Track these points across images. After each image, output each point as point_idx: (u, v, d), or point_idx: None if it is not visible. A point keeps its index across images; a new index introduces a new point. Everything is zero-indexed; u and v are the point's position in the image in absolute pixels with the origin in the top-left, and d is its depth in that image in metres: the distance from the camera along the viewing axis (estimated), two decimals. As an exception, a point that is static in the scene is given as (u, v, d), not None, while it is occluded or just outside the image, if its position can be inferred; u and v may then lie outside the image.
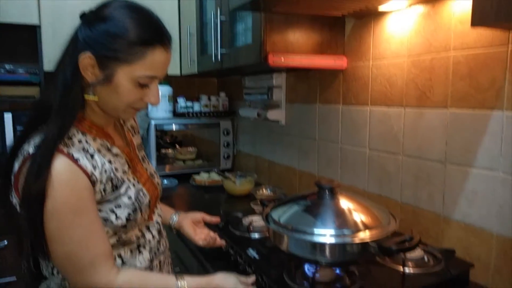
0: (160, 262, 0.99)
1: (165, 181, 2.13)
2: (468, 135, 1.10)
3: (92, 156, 0.83)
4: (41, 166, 0.75)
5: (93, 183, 0.81)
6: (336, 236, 0.84)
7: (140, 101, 0.86)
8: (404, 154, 1.31)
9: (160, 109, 2.22)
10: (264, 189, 1.92)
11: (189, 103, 2.33)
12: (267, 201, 1.09)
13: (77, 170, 0.79)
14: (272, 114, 1.92)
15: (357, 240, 0.83)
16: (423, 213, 1.25)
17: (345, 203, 0.94)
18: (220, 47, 1.63)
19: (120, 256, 0.89)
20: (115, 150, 0.91)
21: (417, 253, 1.05)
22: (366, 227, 0.87)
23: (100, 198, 0.83)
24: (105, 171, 0.84)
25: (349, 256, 0.85)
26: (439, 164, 1.19)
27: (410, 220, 1.30)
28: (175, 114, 2.32)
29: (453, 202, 1.16)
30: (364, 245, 0.83)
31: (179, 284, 0.87)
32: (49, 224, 0.77)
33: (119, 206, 0.85)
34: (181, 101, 2.32)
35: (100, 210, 0.84)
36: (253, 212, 1.45)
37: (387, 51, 1.33)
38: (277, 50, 1.37)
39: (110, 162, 0.87)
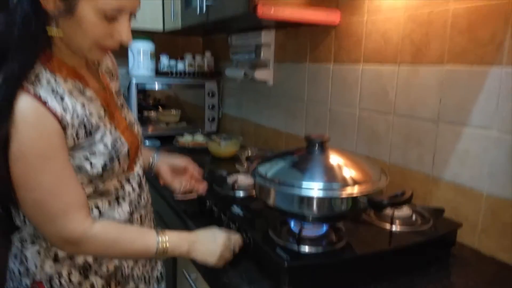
0: (141, 216, 0.94)
1: (147, 142, 2.06)
2: (464, 93, 1.06)
3: (62, 98, 0.75)
4: (2, 107, 0.68)
5: (63, 127, 0.74)
6: (325, 189, 0.80)
7: (109, 38, 0.77)
8: (396, 114, 1.27)
9: (142, 67, 2.12)
10: (249, 151, 1.87)
11: (172, 62, 2.23)
12: (253, 157, 1.04)
13: (45, 113, 0.71)
14: (260, 74, 1.85)
15: (346, 194, 0.79)
16: (411, 174, 1.23)
17: (335, 158, 0.89)
18: (206, -2, 1.53)
19: (97, 207, 0.84)
20: (89, 93, 0.83)
21: (405, 211, 1.02)
22: (355, 182, 0.83)
23: (72, 144, 0.76)
24: (77, 115, 0.77)
25: (337, 211, 0.81)
26: (431, 124, 1.15)
27: (398, 181, 1.27)
28: (158, 73, 2.22)
29: (444, 162, 1.13)
30: (353, 199, 0.79)
31: (160, 239, 0.83)
32: (15, 168, 0.70)
33: (93, 154, 0.79)
34: (164, 59, 2.22)
35: (73, 157, 0.77)
36: (238, 172, 1.41)
37: (384, 4, 1.26)
38: (266, 0, 1.29)
39: (83, 106, 0.80)
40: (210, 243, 0.87)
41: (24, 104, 0.70)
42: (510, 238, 0.97)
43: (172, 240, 0.84)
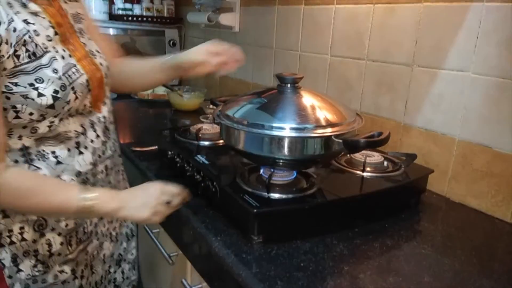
0: (106, 167, 0.85)
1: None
2: (441, 32, 1.00)
3: None
4: None
5: None
6: (297, 130, 0.73)
7: None
8: (368, 58, 1.20)
9: (93, 9, 1.92)
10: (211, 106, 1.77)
11: (128, 5, 2.04)
12: (219, 101, 0.95)
13: None
14: (225, 19, 1.72)
15: (319, 134, 0.72)
16: (382, 122, 1.19)
17: (308, 99, 0.82)
18: None
19: (54, 153, 0.74)
20: (34, 6, 0.70)
21: (377, 158, 0.98)
22: (329, 123, 0.77)
23: (12, 66, 0.65)
24: (15, 29, 0.65)
25: (310, 154, 0.75)
26: (405, 68, 1.10)
27: (368, 128, 1.22)
28: (111, 17, 2.02)
29: (416, 109, 1.09)
30: (327, 140, 0.73)
31: (84, 196, 0.71)
32: None
33: (40, 80, 0.68)
34: (119, 2, 2.02)
35: (16, 84, 0.66)
36: (200, 122, 1.31)
37: None
38: None
39: (25, 21, 0.67)
40: (142, 197, 0.77)
41: None
42: (480, 183, 0.96)
43: (99, 197, 0.73)
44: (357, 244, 0.78)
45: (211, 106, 1.75)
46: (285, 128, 0.73)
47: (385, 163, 0.98)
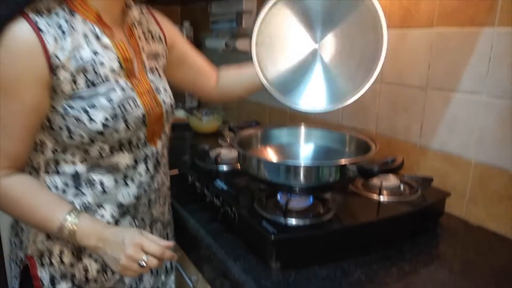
0: (150, 201, 0.87)
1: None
2: (454, 57, 1.02)
3: (64, 33, 0.69)
4: None
5: (53, 67, 0.68)
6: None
7: None
8: (383, 82, 1.22)
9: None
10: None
11: (149, 34, 2.12)
12: (237, 128, 0.99)
13: (34, 41, 0.66)
14: (242, 44, 1.77)
15: (334, 163, 0.74)
16: (398, 144, 1.20)
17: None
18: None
19: (101, 182, 0.78)
20: (106, 40, 0.75)
21: (393, 181, 0.99)
22: (344, 151, 0.79)
23: (70, 91, 0.70)
24: (78, 58, 0.70)
25: (325, 181, 0.77)
26: (419, 91, 1.12)
27: (385, 152, 1.24)
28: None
29: (432, 131, 1.10)
30: (341, 168, 0.75)
31: (69, 218, 0.72)
32: None
33: (93, 106, 0.72)
34: (141, 31, 2.10)
35: (71, 107, 0.71)
36: (221, 147, 1.35)
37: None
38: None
39: (95, 53, 0.73)
40: (117, 249, 0.71)
41: (17, 27, 0.66)
42: (498, 206, 0.96)
43: (82, 227, 0.72)
44: (374, 270, 0.79)
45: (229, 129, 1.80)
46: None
47: (402, 186, 0.99)
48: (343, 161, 0.74)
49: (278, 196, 0.88)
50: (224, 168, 1.13)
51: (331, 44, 0.90)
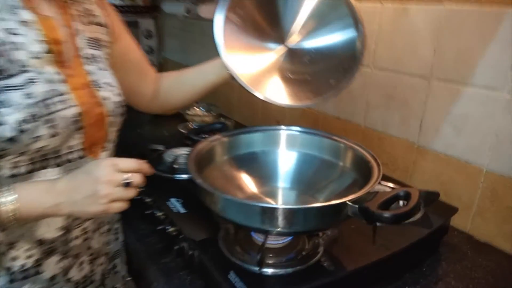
0: (85, 231, 0.68)
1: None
2: (467, 42, 0.82)
3: None
4: None
5: None
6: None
7: None
8: (376, 66, 1.01)
9: None
10: (196, 107, 1.57)
11: (95, -6, 1.78)
12: (195, 135, 0.76)
13: None
14: (206, 11, 1.49)
15: (328, 203, 0.54)
16: (391, 140, 1.01)
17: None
18: None
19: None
20: (26, 15, 0.58)
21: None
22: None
23: None
24: None
25: (312, 224, 0.57)
26: (421, 81, 0.92)
27: (374, 148, 1.05)
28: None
29: (434, 130, 0.91)
30: (336, 208, 0.55)
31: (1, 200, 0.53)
32: None
33: (3, 105, 0.53)
34: (84, -9, 1.77)
35: None
36: (180, 142, 1.12)
37: None
38: None
39: (9, 31, 0.55)
40: (88, 184, 0.55)
41: None
42: None
43: (20, 198, 0.53)
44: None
45: (192, 110, 1.55)
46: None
47: (401, 203, 0.81)
48: (341, 200, 0.53)
49: (253, 233, 0.68)
50: (184, 177, 0.91)
51: (304, 35, 0.74)
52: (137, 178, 0.57)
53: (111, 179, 0.55)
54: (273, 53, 0.73)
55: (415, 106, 0.94)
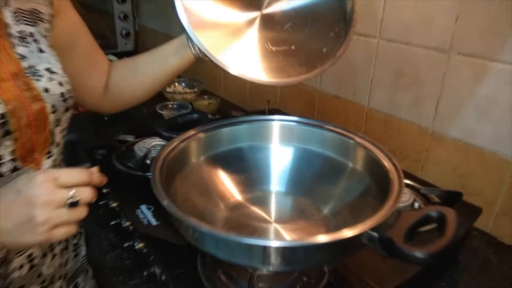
0: (31, 258, 0.55)
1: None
2: (499, 8, 0.66)
3: None
4: None
5: None
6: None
7: None
8: (383, 36, 0.86)
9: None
10: (177, 84, 1.41)
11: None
12: (166, 130, 0.61)
13: None
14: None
15: (330, 238, 0.40)
16: (400, 125, 0.87)
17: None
18: None
19: None
20: None
21: (406, 198, 0.68)
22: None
23: None
24: None
25: (316, 261, 0.43)
26: (438, 55, 0.77)
27: (379, 133, 0.92)
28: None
29: (452, 113, 0.77)
30: (350, 241, 0.41)
31: None
32: None
33: None
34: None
35: None
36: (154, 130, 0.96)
37: None
38: None
39: None
40: (20, 208, 0.41)
41: None
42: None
43: None
44: None
45: (172, 87, 1.39)
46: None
47: (416, 204, 0.68)
48: (345, 235, 0.39)
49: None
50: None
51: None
52: (84, 194, 0.43)
53: (50, 200, 0.41)
54: (248, 24, 0.57)
55: (430, 85, 0.80)
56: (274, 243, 0.37)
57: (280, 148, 0.64)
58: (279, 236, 0.53)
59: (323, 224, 0.55)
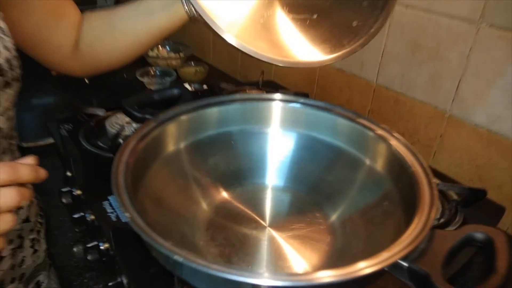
0: None
1: None
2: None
3: None
4: None
5: None
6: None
7: None
8: (400, 1, 0.73)
9: None
10: (161, 47, 1.27)
11: None
12: (138, 111, 0.50)
13: None
14: None
15: (343, 275, 0.30)
16: (413, 105, 0.77)
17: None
18: None
19: None
20: None
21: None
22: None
23: None
24: None
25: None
26: (465, 25, 0.65)
27: (387, 113, 0.82)
28: None
29: (477, 95, 0.67)
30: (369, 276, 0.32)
31: None
32: None
33: None
34: None
35: None
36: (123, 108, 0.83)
37: None
38: None
39: None
40: None
41: None
42: None
43: None
44: None
45: (155, 50, 1.25)
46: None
47: (445, 214, 0.59)
48: (362, 272, 0.29)
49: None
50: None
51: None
52: (11, 197, 0.31)
53: None
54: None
55: (453, 61, 0.69)
56: (266, 282, 0.27)
57: (279, 134, 0.53)
58: (275, 246, 0.43)
59: (328, 231, 0.45)
